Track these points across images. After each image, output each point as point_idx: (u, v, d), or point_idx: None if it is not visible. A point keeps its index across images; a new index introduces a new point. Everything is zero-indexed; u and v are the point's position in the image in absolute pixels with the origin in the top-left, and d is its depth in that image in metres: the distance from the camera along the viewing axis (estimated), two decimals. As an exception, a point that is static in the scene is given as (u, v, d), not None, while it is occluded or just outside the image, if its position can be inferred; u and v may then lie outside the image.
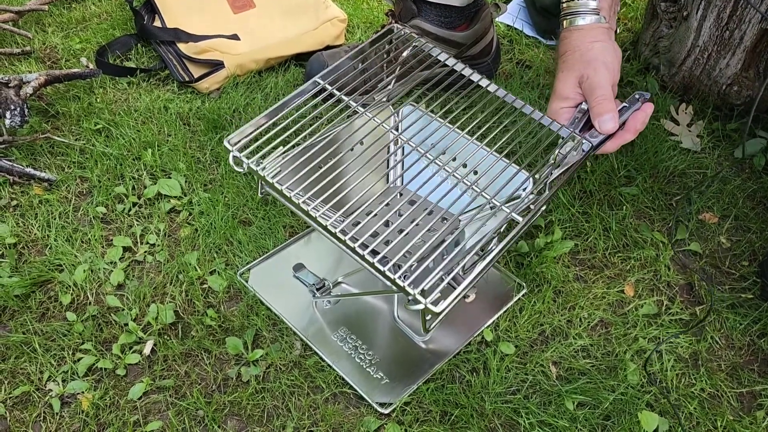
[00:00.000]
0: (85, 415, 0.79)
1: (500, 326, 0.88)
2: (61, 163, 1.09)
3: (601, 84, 0.82)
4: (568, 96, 0.85)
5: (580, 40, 0.87)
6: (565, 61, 0.86)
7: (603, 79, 0.82)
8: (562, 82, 0.85)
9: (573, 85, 0.84)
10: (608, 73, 0.83)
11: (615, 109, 0.81)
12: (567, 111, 0.85)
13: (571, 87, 0.84)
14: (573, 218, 1.02)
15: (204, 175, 1.07)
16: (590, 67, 0.83)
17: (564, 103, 0.85)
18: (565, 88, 0.85)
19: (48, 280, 0.92)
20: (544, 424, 0.79)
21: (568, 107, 0.85)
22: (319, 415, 0.80)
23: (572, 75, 0.84)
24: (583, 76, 0.83)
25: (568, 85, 0.85)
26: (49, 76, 1.15)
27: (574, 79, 0.84)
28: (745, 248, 0.99)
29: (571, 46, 0.87)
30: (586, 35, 0.87)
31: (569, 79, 0.85)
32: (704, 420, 0.80)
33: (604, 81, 0.82)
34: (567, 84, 0.85)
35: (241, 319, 0.88)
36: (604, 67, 0.83)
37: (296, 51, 1.29)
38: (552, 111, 0.86)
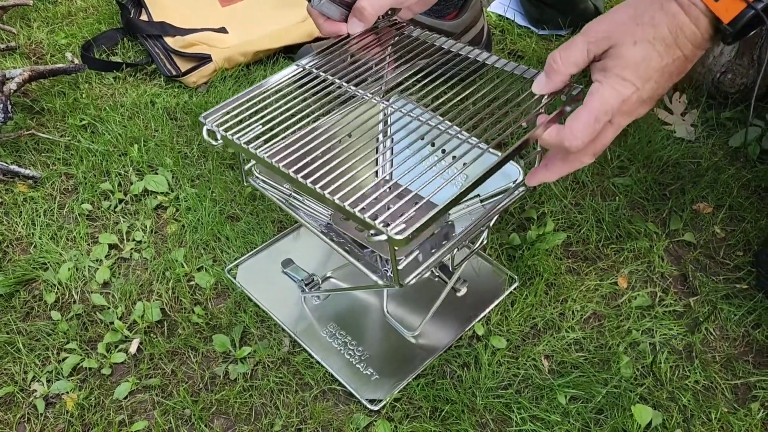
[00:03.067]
0: (70, 416, 0.78)
1: (492, 320, 0.87)
2: (46, 160, 1.07)
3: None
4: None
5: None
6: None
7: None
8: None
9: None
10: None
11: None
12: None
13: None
14: (565, 210, 1.01)
15: (191, 170, 1.06)
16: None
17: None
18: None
19: (32, 278, 0.91)
20: (536, 419, 0.78)
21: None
22: (307, 413, 0.78)
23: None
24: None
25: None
26: (33, 71, 1.13)
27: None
28: (739, 238, 0.98)
29: None
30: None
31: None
32: (698, 412, 0.79)
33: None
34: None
35: (229, 316, 0.87)
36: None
37: (285, 43, 1.27)
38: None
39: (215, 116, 0.70)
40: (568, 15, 1.34)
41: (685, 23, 0.60)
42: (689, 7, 0.60)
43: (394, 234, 0.58)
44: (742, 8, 0.59)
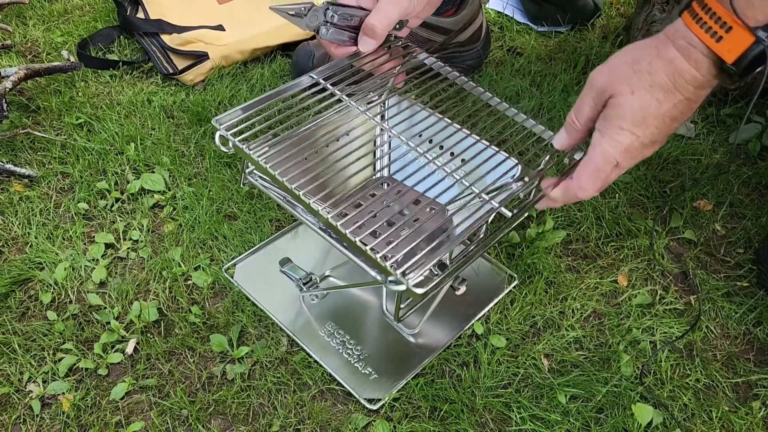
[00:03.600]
0: (66, 417, 0.77)
1: (491, 319, 0.87)
2: (42, 159, 1.06)
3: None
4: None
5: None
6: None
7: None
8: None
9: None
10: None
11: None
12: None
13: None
14: (565, 207, 1.00)
15: (188, 169, 1.05)
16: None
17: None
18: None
19: (28, 278, 0.90)
20: (536, 418, 0.77)
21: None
22: (305, 413, 0.78)
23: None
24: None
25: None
26: (29, 70, 1.12)
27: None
28: (740, 235, 0.98)
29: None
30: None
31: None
32: (699, 411, 0.79)
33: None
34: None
35: (226, 315, 0.86)
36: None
37: (282, 41, 1.26)
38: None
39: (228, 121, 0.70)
40: (567, 11, 1.33)
41: (684, 68, 0.60)
42: (687, 50, 0.59)
43: (413, 286, 0.61)
44: (748, 46, 0.57)
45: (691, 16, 0.59)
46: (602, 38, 1.33)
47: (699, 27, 0.59)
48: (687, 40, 0.59)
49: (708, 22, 0.58)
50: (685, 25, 0.60)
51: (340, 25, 0.78)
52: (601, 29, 1.35)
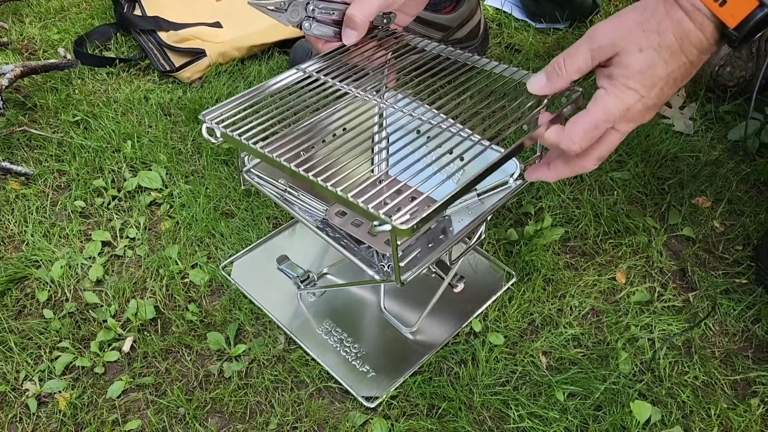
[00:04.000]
0: (63, 415, 0.77)
1: (489, 316, 0.86)
2: (39, 157, 1.06)
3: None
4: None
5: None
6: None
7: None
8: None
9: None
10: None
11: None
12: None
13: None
14: (563, 204, 1.00)
15: (185, 166, 1.04)
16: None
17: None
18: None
19: (24, 276, 0.90)
20: (534, 416, 0.77)
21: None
22: (303, 411, 0.78)
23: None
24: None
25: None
26: (25, 67, 1.12)
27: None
28: (738, 232, 0.97)
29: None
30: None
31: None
32: (698, 408, 0.78)
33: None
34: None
35: (224, 313, 0.86)
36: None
37: (279, 38, 1.26)
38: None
39: (214, 114, 0.69)
40: (565, 8, 1.33)
41: (691, 29, 0.59)
42: (693, 13, 0.59)
43: (398, 223, 0.57)
44: (750, 11, 0.57)
45: None
46: (601, 35, 1.32)
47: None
48: (691, 2, 0.58)
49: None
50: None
51: (322, 20, 0.77)
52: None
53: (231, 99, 0.71)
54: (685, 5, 0.59)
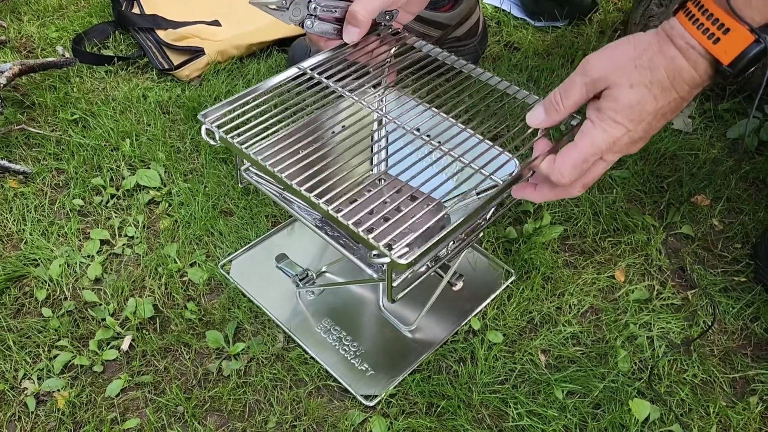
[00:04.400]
0: (61, 414, 0.77)
1: (488, 314, 0.86)
2: (37, 155, 1.06)
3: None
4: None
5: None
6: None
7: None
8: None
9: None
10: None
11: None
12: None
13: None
14: (562, 203, 1.00)
15: (184, 164, 1.04)
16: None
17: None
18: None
19: (23, 275, 0.90)
20: (533, 414, 0.77)
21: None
22: (302, 409, 0.77)
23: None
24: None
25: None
26: (23, 65, 1.11)
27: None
28: (737, 230, 0.97)
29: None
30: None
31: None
32: (696, 407, 0.78)
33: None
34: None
35: (222, 312, 0.86)
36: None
37: (278, 36, 1.25)
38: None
39: (214, 116, 0.69)
40: (564, 7, 1.33)
41: (684, 67, 0.59)
42: (687, 50, 0.59)
43: (396, 257, 0.59)
44: (744, 47, 0.57)
45: (686, 16, 0.59)
46: (599, 33, 1.32)
47: (695, 28, 0.58)
48: (685, 40, 0.59)
49: (705, 23, 0.57)
50: (680, 25, 0.59)
51: (324, 18, 0.77)
52: (599, 24, 1.35)
53: (231, 99, 0.71)
54: (678, 42, 0.59)
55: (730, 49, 0.57)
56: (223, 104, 0.71)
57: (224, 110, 0.70)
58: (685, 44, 0.59)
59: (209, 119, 0.69)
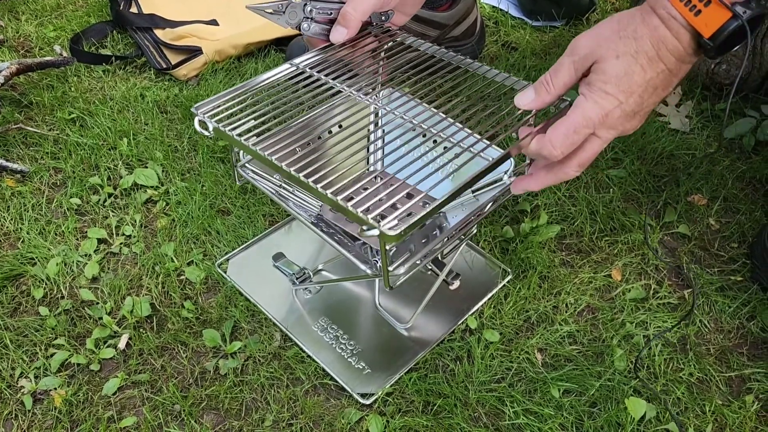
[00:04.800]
0: (58, 412, 0.77)
1: (485, 313, 0.86)
2: (34, 154, 1.06)
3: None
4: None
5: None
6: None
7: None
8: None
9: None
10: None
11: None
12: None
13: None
14: (559, 202, 1.00)
15: (181, 164, 1.04)
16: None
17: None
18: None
19: (20, 274, 0.90)
20: (529, 413, 0.77)
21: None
22: (299, 408, 0.78)
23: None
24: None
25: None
26: (21, 65, 1.12)
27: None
28: (734, 230, 0.98)
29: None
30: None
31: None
32: (692, 405, 0.79)
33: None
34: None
35: (219, 310, 0.86)
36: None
37: (276, 36, 1.26)
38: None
39: (207, 107, 0.69)
40: (562, 6, 1.33)
41: (667, 36, 0.60)
42: (669, 20, 0.60)
43: (386, 229, 0.57)
44: (723, 22, 0.58)
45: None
46: (597, 33, 1.32)
47: (679, 0, 0.59)
48: (667, 10, 0.60)
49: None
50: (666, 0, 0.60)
51: (320, 20, 0.77)
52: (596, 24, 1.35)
53: (224, 92, 0.71)
54: (661, 13, 0.60)
55: (711, 22, 0.58)
56: (217, 97, 0.71)
57: (217, 102, 0.70)
58: (667, 14, 0.60)
59: (202, 110, 0.69)
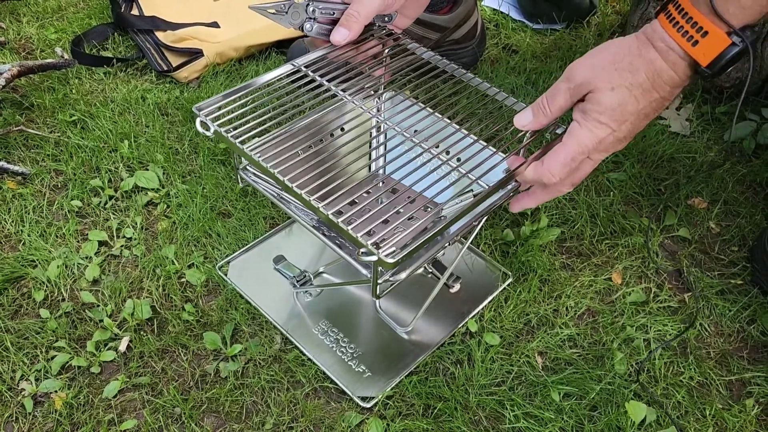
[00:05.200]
0: (59, 415, 0.77)
1: (485, 316, 0.87)
2: (36, 157, 1.06)
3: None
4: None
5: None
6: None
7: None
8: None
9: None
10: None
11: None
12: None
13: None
14: (559, 205, 1.00)
15: (182, 166, 1.05)
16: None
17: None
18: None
19: (21, 276, 0.90)
20: (530, 416, 0.77)
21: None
22: (299, 411, 0.78)
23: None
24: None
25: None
26: (22, 67, 1.12)
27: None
28: (734, 233, 0.98)
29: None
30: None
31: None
32: (693, 409, 0.79)
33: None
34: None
35: (220, 313, 0.86)
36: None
37: (277, 38, 1.26)
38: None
39: (208, 108, 0.70)
40: (562, 9, 1.33)
41: (663, 68, 0.62)
42: (667, 52, 0.61)
43: (384, 256, 0.59)
44: (722, 50, 0.59)
45: (668, 18, 0.61)
46: (597, 36, 1.33)
47: (675, 31, 0.60)
48: (665, 43, 0.61)
49: (684, 26, 0.60)
50: (662, 28, 0.61)
51: (323, 21, 0.78)
52: (597, 27, 1.35)
53: (226, 92, 0.72)
54: (658, 45, 0.62)
55: (708, 51, 0.60)
56: (218, 97, 0.71)
57: (219, 103, 0.70)
58: (665, 47, 0.61)
59: (204, 111, 0.69)
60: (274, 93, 0.74)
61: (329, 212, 0.62)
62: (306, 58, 0.78)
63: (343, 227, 0.61)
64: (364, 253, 0.60)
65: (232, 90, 0.73)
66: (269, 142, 0.70)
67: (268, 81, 0.75)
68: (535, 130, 0.70)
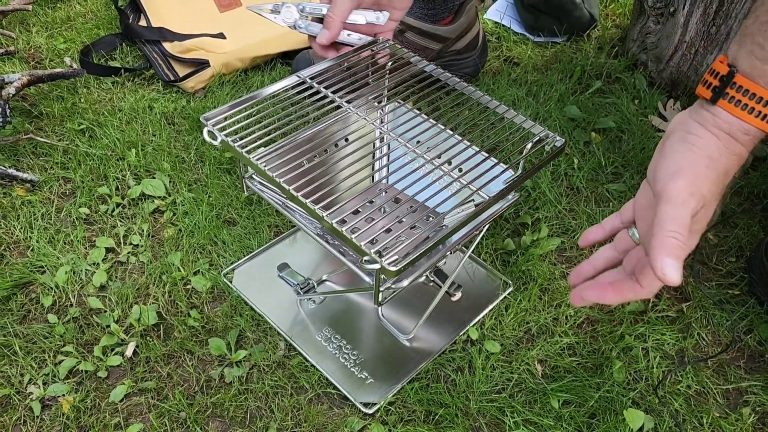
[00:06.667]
0: (66, 418, 0.78)
1: (486, 324, 0.88)
2: (44, 164, 1.08)
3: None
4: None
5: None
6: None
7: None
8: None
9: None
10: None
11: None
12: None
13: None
14: (560, 215, 1.02)
15: (188, 174, 1.06)
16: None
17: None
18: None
19: (29, 282, 0.91)
20: (530, 423, 0.79)
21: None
22: (302, 416, 0.79)
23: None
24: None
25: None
26: (32, 76, 1.14)
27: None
28: (732, 244, 0.99)
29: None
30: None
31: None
32: (690, 417, 0.80)
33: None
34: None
35: (225, 319, 0.87)
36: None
37: (282, 49, 1.28)
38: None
39: (216, 118, 0.72)
40: (563, 22, 1.35)
41: (744, 154, 0.60)
42: (751, 141, 0.59)
43: (387, 264, 0.61)
44: None
45: (732, 103, 0.58)
46: (598, 49, 1.35)
47: (747, 113, 0.58)
48: (744, 131, 0.58)
49: (754, 105, 0.57)
50: (730, 114, 0.58)
51: (312, 19, 0.84)
52: (597, 40, 1.37)
53: (233, 102, 0.74)
54: (742, 138, 0.59)
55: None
56: (225, 108, 0.73)
57: (226, 114, 0.72)
58: (746, 136, 0.59)
59: (211, 121, 0.71)
60: (280, 104, 0.76)
61: (333, 221, 0.64)
62: (311, 70, 0.80)
63: (347, 236, 0.63)
64: (367, 261, 0.62)
65: (238, 100, 0.75)
66: (275, 152, 0.72)
67: (274, 92, 0.77)
68: (536, 145, 0.70)
